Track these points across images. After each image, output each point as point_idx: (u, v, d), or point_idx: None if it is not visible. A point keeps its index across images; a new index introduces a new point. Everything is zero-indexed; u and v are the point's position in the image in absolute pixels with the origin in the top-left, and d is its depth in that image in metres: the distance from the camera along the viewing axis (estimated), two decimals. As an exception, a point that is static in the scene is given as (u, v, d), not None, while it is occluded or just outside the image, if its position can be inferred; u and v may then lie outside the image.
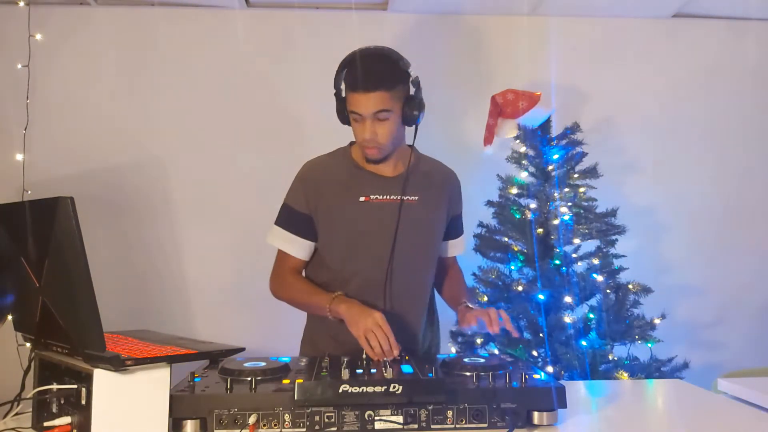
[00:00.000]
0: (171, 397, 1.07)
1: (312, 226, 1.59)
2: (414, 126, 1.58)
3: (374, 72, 1.48)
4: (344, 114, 1.56)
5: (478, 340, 2.36)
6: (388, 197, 1.58)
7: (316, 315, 1.64)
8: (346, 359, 1.24)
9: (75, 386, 1.04)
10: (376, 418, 1.09)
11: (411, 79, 1.54)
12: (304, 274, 1.68)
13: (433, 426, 1.09)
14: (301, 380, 1.08)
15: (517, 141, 2.50)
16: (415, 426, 1.09)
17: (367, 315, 1.37)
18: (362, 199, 1.57)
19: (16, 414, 1.14)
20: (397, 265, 1.56)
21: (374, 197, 1.57)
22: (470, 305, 1.58)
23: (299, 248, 1.60)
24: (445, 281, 1.79)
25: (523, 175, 2.49)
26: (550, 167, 2.45)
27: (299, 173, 1.63)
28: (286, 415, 1.07)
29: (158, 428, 1.05)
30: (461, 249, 1.80)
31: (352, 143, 1.65)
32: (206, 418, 1.06)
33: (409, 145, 1.67)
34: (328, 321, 1.53)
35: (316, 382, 1.08)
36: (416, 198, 1.60)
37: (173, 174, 2.79)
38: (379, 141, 1.51)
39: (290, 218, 1.60)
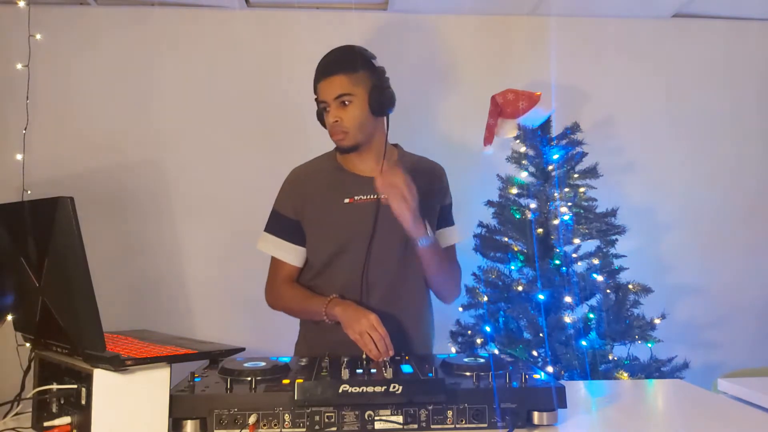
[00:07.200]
0: (171, 397, 1.07)
1: (300, 231, 1.59)
2: (385, 117, 1.58)
3: (334, 58, 1.53)
4: (322, 116, 1.57)
5: (479, 340, 2.36)
6: (369, 197, 1.56)
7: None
8: (346, 359, 1.24)
9: (75, 386, 1.04)
10: (376, 418, 1.09)
11: (377, 69, 1.54)
12: None
13: (433, 426, 1.09)
14: (301, 380, 1.08)
15: (517, 141, 2.50)
16: (415, 426, 1.09)
17: (362, 317, 1.37)
18: (347, 200, 1.56)
19: (16, 414, 1.14)
20: (374, 265, 1.54)
21: (358, 198, 1.56)
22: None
23: (290, 254, 1.60)
24: None
25: (523, 175, 2.48)
26: (550, 167, 2.44)
27: (286, 179, 1.64)
28: (286, 415, 1.07)
29: (158, 428, 1.05)
30: (453, 240, 1.72)
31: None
32: (206, 418, 1.06)
33: (394, 144, 1.66)
34: (320, 322, 1.52)
35: (316, 382, 1.08)
36: None
37: (173, 174, 2.79)
38: (344, 125, 1.51)
39: (279, 224, 1.61)
